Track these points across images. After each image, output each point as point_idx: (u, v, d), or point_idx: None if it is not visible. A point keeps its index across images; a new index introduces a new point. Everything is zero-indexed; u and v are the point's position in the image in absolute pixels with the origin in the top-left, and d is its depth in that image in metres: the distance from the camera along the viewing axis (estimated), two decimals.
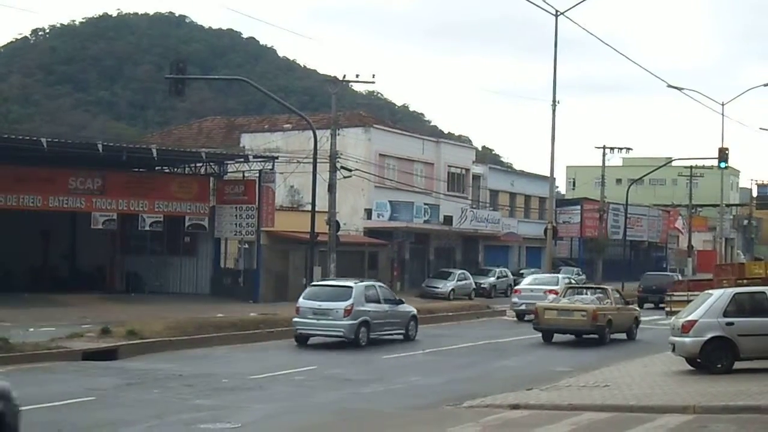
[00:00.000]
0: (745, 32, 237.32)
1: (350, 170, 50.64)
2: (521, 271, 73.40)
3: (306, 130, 51.54)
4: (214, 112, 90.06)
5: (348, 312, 31.74)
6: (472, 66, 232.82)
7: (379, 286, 35.11)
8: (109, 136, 71.18)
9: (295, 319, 32.58)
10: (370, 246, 60.35)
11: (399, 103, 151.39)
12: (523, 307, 44.99)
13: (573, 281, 48.87)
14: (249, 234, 52.15)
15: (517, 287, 50.15)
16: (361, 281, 34.89)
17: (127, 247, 56.09)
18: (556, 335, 35.01)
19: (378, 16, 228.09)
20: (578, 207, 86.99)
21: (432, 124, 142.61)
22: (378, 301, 33.48)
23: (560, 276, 51.76)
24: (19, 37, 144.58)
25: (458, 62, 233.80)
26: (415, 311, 35.98)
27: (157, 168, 54.27)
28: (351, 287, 32.64)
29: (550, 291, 44.10)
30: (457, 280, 61.72)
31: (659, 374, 23.94)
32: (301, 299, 33.15)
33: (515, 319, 45.82)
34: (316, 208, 44.71)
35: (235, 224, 52.43)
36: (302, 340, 32.66)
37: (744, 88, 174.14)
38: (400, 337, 34.48)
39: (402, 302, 35.52)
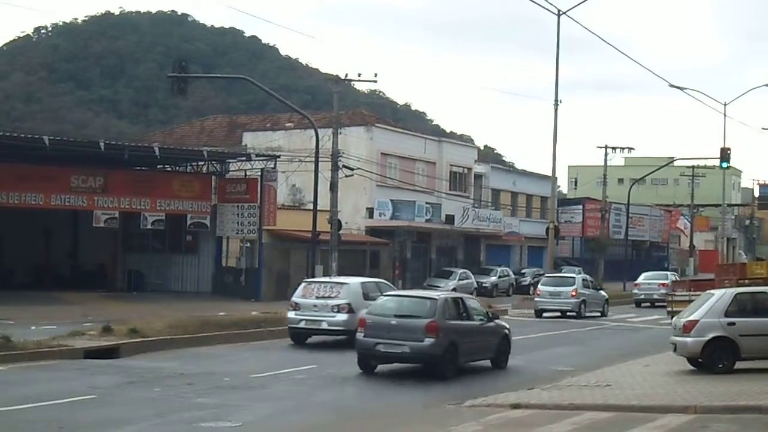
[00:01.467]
0: (750, 32, 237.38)
1: (352, 169, 50.66)
2: (522, 271, 73.46)
3: (308, 128, 51.56)
4: (216, 111, 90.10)
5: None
6: (475, 65, 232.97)
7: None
8: (111, 134, 71.37)
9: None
10: (371, 245, 60.38)
11: (401, 102, 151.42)
12: (642, 296, 58.96)
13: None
14: (251, 232, 52.19)
15: (636, 282, 61.22)
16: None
17: (129, 245, 56.15)
18: None
19: (380, 15, 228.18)
20: (580, 206, 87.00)
21: (434, 123, 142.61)
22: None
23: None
24: (21, 35, 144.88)
25: (460, 61, 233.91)
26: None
27: (159, 166, 54.34)
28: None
29: (663, 284, 56.25)
30: (459, 280, 61.75)
31: (660, 374, 23.92)
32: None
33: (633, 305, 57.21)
34: (318, 207, 44.73)
35: (237, 223, 52.47)
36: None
37: (748, 88, 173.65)
38: None
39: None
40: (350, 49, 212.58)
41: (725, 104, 76.33)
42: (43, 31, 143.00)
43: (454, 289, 60.13)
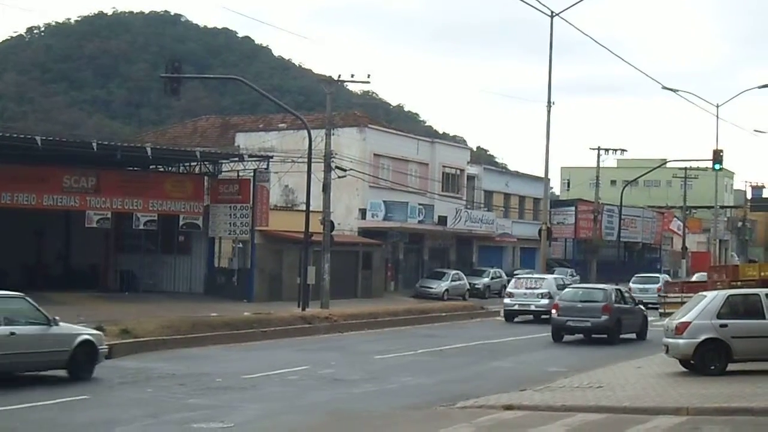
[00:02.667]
0: (745, 36, 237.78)
1: (345, 170, 50.64)
2: (515, 272, 73.45)
3: (301, 129, 51.55)
4: (208, 111, 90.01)
5: None
6: (468, 67, 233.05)
7: None
8: (103, 134, 71.17)
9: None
10: (364, 246, 60.36)
11: (394, 103, 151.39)
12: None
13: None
14: (243, 233, 52.16)
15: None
16: None
17: (122, 245, 56.05)
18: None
19: (373, 16, 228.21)
20: (573, 208, 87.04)
21: (427, 124, 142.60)
22: None
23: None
24: (14, 35, 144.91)
25: (453, 63, 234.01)
26: None
27: (151, 167, 54.28)
28: None
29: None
30: (451, 281, 61.80)
31: (653, 376, 23.95)
32: None
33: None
34: (311, 208, 44.69)
35: (230, 223, 52.43)
36: None
37: (741, 90, 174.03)
38: None
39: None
40: (343, 50, 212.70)
41: (718, 106, 76.39)
42: (35, 31, 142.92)
43: (447, 290, 60.35)
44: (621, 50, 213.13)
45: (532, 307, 44.77)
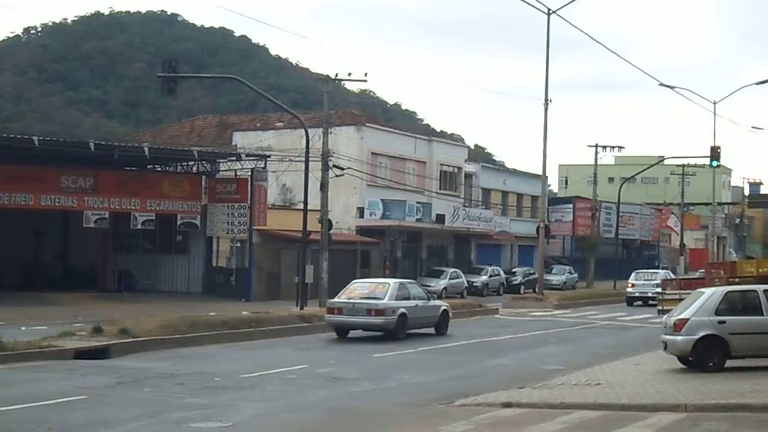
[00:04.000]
0: (743, 31, 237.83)
1: (342, 169, 50.64)
2: (513, 270, 73.50)
3: (298, 128, 51.52)
4: (206, 111, 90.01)
5: None
6: (466, 65, 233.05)
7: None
8: (101, 134, 71.25)
9: None
10: (362, 244, 60.36)
11: (391, 101, 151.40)
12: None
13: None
14: (241, 232, 52.18)
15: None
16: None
17: (119, 245, 56.07)
18: None
19: (371, 14, 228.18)
20: (570, 205, 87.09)
21: (424, 122, 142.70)
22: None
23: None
24: (11, 35, 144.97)
25: (451, 61, 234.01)
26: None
27: (149, 166, 54.31)
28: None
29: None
30: (450, 279, 61.78)
31: (651, 372, 23.93)
32: None
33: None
34: (309, 207, 44.67)
35: (227, 223, 52.46)
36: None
37: (738, 86, 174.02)
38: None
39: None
40: (340, 49, 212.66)
41: (715, 103, 76.38)
42: (32, 32, 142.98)
43: (445, 288, 60.29)
44: (619, 47, 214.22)
45: (649, 294, 54.77)
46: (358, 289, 35.57)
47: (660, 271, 65.45)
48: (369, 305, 33.84)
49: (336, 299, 35.38)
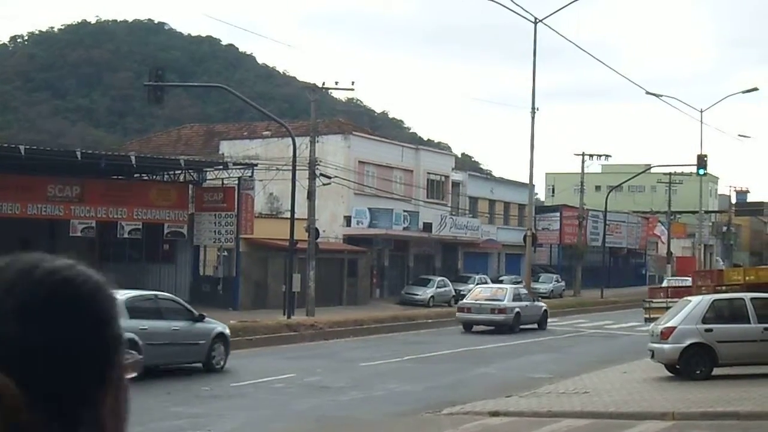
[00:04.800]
0: (731, 41, 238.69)
1: (329, 177, 50.61)
2: (500, 278, 73.49)
3: (285, 137, 51.48)
4: (192, 120, 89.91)
5: None
6: (453, 74, 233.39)
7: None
8: (87, 143, 71.17)
9: None
10: (349, 253, 60.31)
11: (378, 110, 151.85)
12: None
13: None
14: (228, 241, 52.08)
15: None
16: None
17: (106, 254, 55.76)
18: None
19: (358, 24, 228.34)
20: (557, 214, 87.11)
21: (411, 131, 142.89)
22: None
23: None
24: None
25: (438, 70, 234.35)
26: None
27: (135, 175, 54.17)
28: None
29: None
30: (437, 287, 61.77)
31: (638, 381, 23.98)
32: None
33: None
34: (296, 216, 44.66)
35: (214, 231, 52.33)
36: None
37: (725, 95, 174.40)
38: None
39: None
40: (328, 58, 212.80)
41: (701, 111, 76.62)
42: (19, 40, 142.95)
43: (432, 297, 60.26)
44: (606, 56, 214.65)
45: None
46: (482, 293, 45.52)
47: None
48: (493, 305, 42.73)
49: (465, 301, 45.28)
